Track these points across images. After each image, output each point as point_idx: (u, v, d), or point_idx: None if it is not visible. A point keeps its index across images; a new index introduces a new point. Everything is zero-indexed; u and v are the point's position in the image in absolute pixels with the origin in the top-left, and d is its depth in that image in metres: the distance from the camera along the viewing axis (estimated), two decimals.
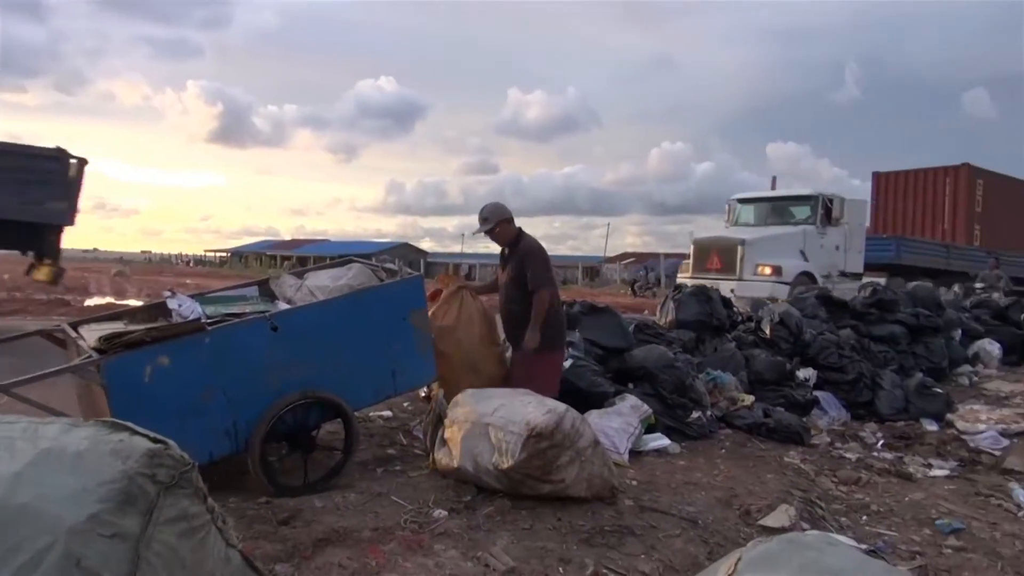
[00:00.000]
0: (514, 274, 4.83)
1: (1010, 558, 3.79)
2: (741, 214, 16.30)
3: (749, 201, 16.50)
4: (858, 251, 15.95)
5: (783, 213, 15.62)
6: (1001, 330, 10.20)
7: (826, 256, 14.88)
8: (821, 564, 1.76)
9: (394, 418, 5.64)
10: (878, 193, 23.93)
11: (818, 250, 14.51)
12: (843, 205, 15.24)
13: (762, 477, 4.67)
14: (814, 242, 14.65)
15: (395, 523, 3.49)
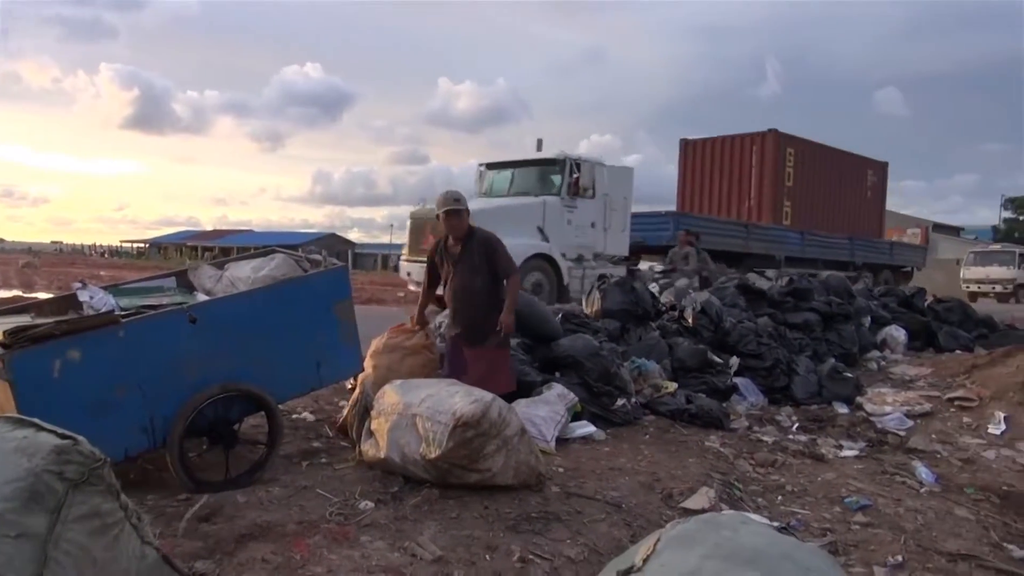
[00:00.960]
0: (477, 263, 4.75)
1: (912, 532, 4.01)
2: (493, 183, 13.70)
3: (497, 167, 13.85)
4: (622, 229, 13.60)
5: (530, 182, 13.08)
6: (906, 317, 10.72)
7: (576, 235, 12.66)
8: (735, 542, 1.83)
9: (319, 410, 5.57)
10: (685, 164, 20.99)
11: (564, 227, 12.15)
12: (596, 172, 12.88)
13: (684, 461, 4.80)
14: (558, 217, 12.31)
15: (320, 516, 3.46)
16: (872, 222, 23.79)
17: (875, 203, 24.10)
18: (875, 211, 24.31)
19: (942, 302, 11.56)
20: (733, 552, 1.76)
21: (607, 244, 13.23)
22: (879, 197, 24.39)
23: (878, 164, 24.23)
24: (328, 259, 4.58)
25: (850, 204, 22.39)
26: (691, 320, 7.55)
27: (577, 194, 12.59)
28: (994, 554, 3.89)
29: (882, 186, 24.41)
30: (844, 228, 20.97)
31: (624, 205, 13.65)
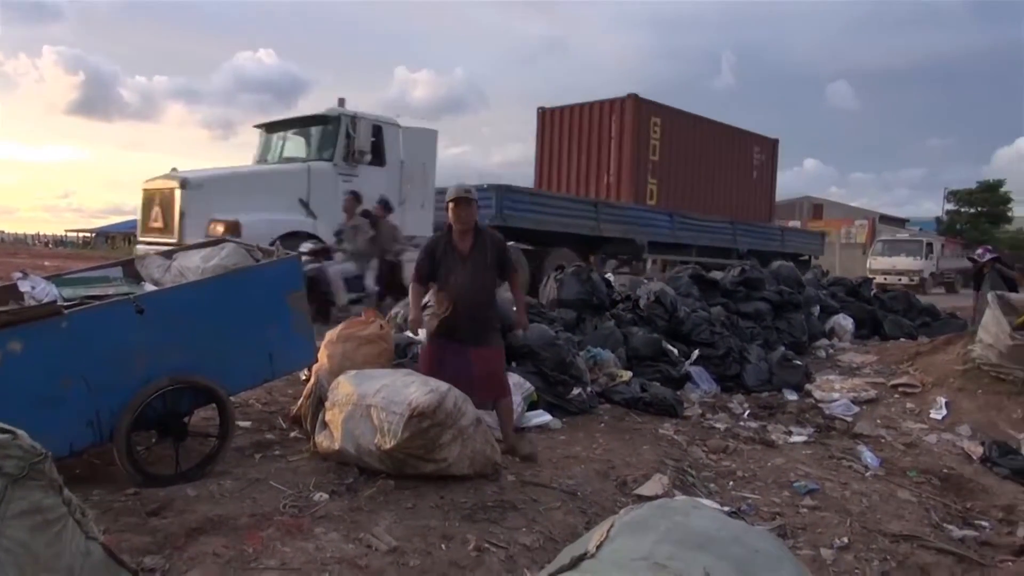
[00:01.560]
0: (489, 261, 4.47)
1: (857, 514, 4.13)
2: (269, 148, 11.31)
3: (272, 128, 11.47)
4: (421, 205, 11.34)
5: (304, 145, 10.94)
6: (854, 306, 11.01)
7: None
8: (686, 526, 1.85)
9: (273, 402, 5.49)
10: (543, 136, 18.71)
11: (341, 201, 9.60)
12: (387, 135, 10.73)
13: (638, 449, 4.86)
14: (331, 188, 10.03)
15: (274, 508, 3.42)
16: (760, 205, 21.94)
17: (763, 184, 22.18)
18: (763, 193, 22.31)
19: (887, 291, 11.88)
20: (684, 536, 1.78)
21: (404, 223, 10.79)
22: (768, 177, 22.44)
23: (766, 140, 22.13)
24: (280, 249, 4.51)
25: (732, 184, 20.43)
26: (645, 309, 7.63)
27: (357, 160, 10.35)
28: (935, 534, 4.03)
29: (771, 165, 22.46)
30: (725, 211, 19.11)
31: (425, 175, 11.37)
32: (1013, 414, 6.17)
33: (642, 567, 1.66)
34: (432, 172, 11.67)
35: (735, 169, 20.62)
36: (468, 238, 4.45)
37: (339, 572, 2.84)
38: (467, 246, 4.45)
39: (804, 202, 49.26)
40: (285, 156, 11.01)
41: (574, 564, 1.71)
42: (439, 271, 4.45)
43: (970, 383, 6.67)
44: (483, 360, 4.46)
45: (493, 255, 4.49)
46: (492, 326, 4.60)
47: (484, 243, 4.48)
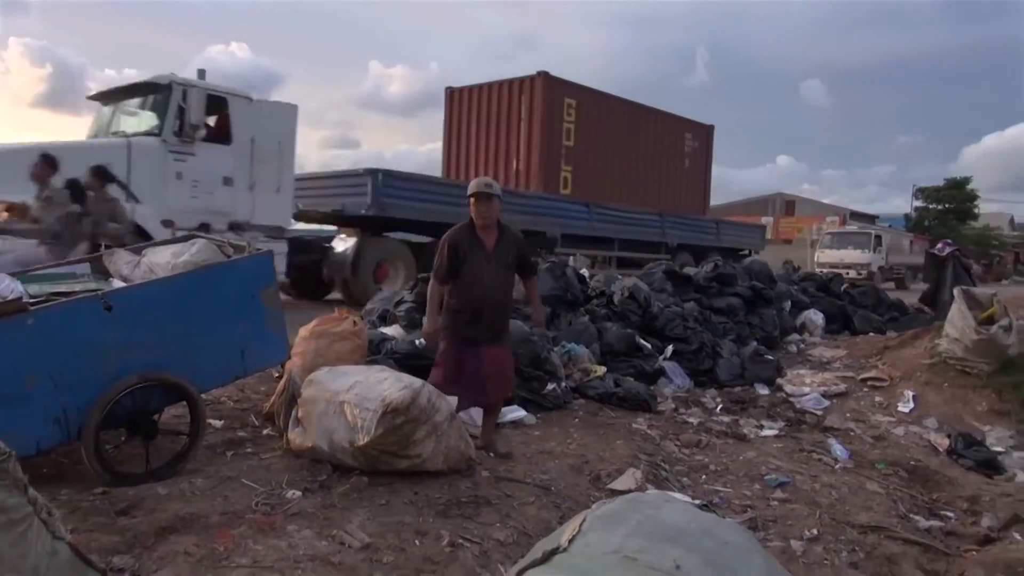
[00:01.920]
0: (511, 260, 4.35)
1: (827, 506, 4.19)
2: (107, 122, 9.86)
3: (105, 98, 10.12)
4: (276, 190, 10.16)
5: (135, 118, 9.66)
6: (824, 301, 11.14)
7: (193, 194, 9.18)
8: (657, 519, 1.87)
9: (245, 399, 5.44)
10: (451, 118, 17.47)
11: (170, 183, 8.55)
12: (217, 106, 9.41)
13: (612, 443, 4.89)
14: (158, 168, 8.83)
15: (246, 506, 3.39)
16: (693, 196, 20.74)
17: (697, 173, 20.97)
18: (697, 183, 21.15)
19: (857, 287, 12.05)
20: (655, 530, 1.80)
21: (256, 210, 9.77)
22: (702, 166, 21.24)
23: (699, 127, 20.83)
24: (252, 244, 4.46)
25: (661, 173, 19.18)
26: (619, 305, 7.67)
27: (193, 136, 9.04)
28: (901, 525, 4.10)
29: (706, 153, 21.22)
30: (653, 202, 17.83)
31: (281, 156, 10.09)
32: (978, 407, 6.31)
33: (613, 560, 1.67)
34: (290, 152, 10.38)
35: (664, 157, 19.33)
36: (492, 234, 4.29)
37: (312, 569, 2.83)
38: (492, 242, 4.29)
39: (777, 198, 49.84)
40: (116, 130, 9.58)
41: (546, 558, 1.72)
42: (462, 268, 4.24)
43: (937, 377, 6.80)
44: (497, 359, 4.35)
45: (515, 254, 4.38)
46: (507, 325, 4.57)
47: (507, 241, 4.35)
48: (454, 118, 17.53)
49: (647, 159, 18.82)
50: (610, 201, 16.38)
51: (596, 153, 17.31)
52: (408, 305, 6.57)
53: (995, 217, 57.63)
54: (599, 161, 17.41)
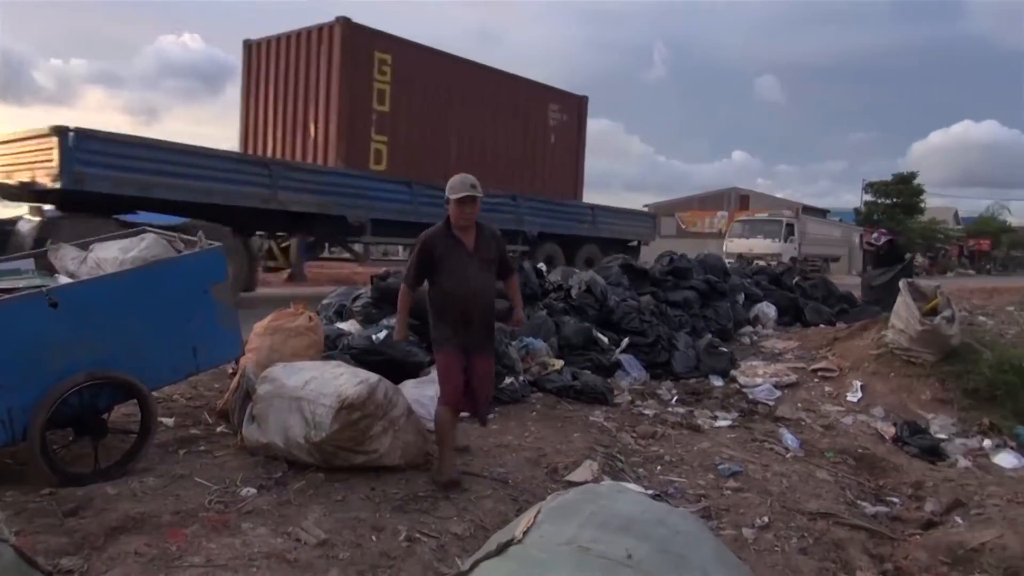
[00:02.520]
0: (491, 259, 4.07)
1: (778, 494, 4.29)
2: None
3: None
4: None
5: None
6: (776, 294, 11.36)
7: None
8: (611, 510, 1.90)
9: (198, 396, 5.35)
10: (249, 79, 14.31)
11: None
12: None
13: (569, 436, 4.93)
14: None
15: (199, 505, 3.35)
16: (561, 178, 17.56)
17: (566, 151, 17.77)
18: (567, 162, 17.87)
19: (808, 279, 12.30)
20: (609, 520, 1.82)
21: None
22: (573, 143, 18.03)
23: (569, 98, 17.85)
24: (203, 239, 4.39)
25: (517, 150, 16.26)
26: (576, 299, 7.73)
27: None
28: (849, 511, 4.22)
29: (578, 128, 18.09)
30: (505, 183, 14.86)
31: None
32: (922, 395, 6.50)
33: (567, 551, 1.69)
34: None
35: (521, 131, 16.33)
36: (471, 232, 4.02)
37: (267, 567, 2.80)
38: (472, 240, 4.00)
39: (732, 193, 50.56)
40: None
41: (501, 550, 1.73)
42: (438, 270, 3.96)
43: (883, 367, 6.99)
44: (484, 366, 4.07)
45: (496, 252, 4.11)
46: (494, 330, 4.26)
47: (487, 237, 4.07)
48: (252, 78, 14.19)
49: (497, 132, 15.64)
50: (444, 181, 14.10)
51: (424, 122, 14.07)
52: (365, 300, 6.52)
53: (941, 211, 59.34)
54: (428, 132, 14.17)
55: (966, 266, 56.32)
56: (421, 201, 12.56)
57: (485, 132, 15.48)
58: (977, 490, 4.68)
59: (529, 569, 1.63)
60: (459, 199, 3.93)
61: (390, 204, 12.26)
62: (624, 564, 1.62)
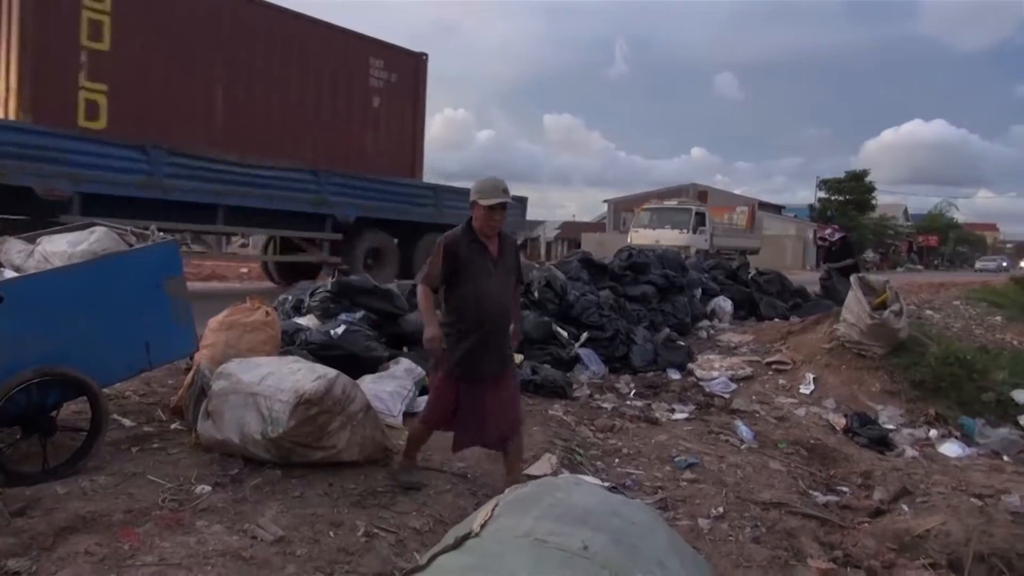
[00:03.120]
0: (511, 267, 3.80)
1: (733, 485, 4.37)
2: None
3: None
4: None
5: None
6: (733, 289, 11.54)
7: None
8: (568, 502, 1.92)
9: (152, 393, 5.25)
10: None
11: None
12: None
13: (528, 430, 4.94)
14: None
15: (152, 503, 3.29)
16: (391, 151, 14.35)
17: (397, 119, 14.48)
18: (398, 133, 14.57)
19: (763, 275, 12.53)
20: (565, 512, 1.84)
21: None
22: (407, 110, 14.71)
23: (401, 54, 14.63)
24: (156, 233, 4.30)
25: (324, 115, 13.04)
26: (536, 294, 7.76)
27: None
28: (801, 501, 4.32)
29: (413, 92, 14.80)
30: (305, 155, 12.34)
31: None
32: (872, 387, 6.68)
33: (524, 543, 1.71)
34: None
35: (329, 90, 13.16)
36: (495, 239, 3.73)
37: (222, 565, 2.77)
38: (496, 247, 3.71)
39: (690, 189, 51.14)
40: None
41: (458, 544, 1.74)
42: (459, 277, 3.63)
43: (835, 359, 7.16)
44: (503, 391, 3.72)
45: (513, 260, 3.86)
46: (511, 347, 3.89)
47: (507, 245, 3.81)
48: None
49: (289, 89, 12.50)
50: (206, 145, 10.82)
51: (170, 69, 10.97)
52: (324, 295, 6.46)
53: (891, 208, 60.91)
54: (177, 82, 11.06)
55: (915, 261, 57.97)
56: (166, 172, 10.03)
57: (272, 88, 12.25)
58: (923, 479, 4.83)
59: (486, 561, 1.64)
60: (490, 206, 3.60)
61: (113, 174, 9.52)
62: (580, 555, 1.64)
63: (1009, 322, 10.23)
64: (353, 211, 12.43)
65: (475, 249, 3.64)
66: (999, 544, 3.74)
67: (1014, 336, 9.39)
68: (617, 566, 1.65)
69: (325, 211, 12.08)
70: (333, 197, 12.11)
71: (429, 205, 13.82)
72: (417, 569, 1.65)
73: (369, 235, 12.87)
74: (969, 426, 6.20)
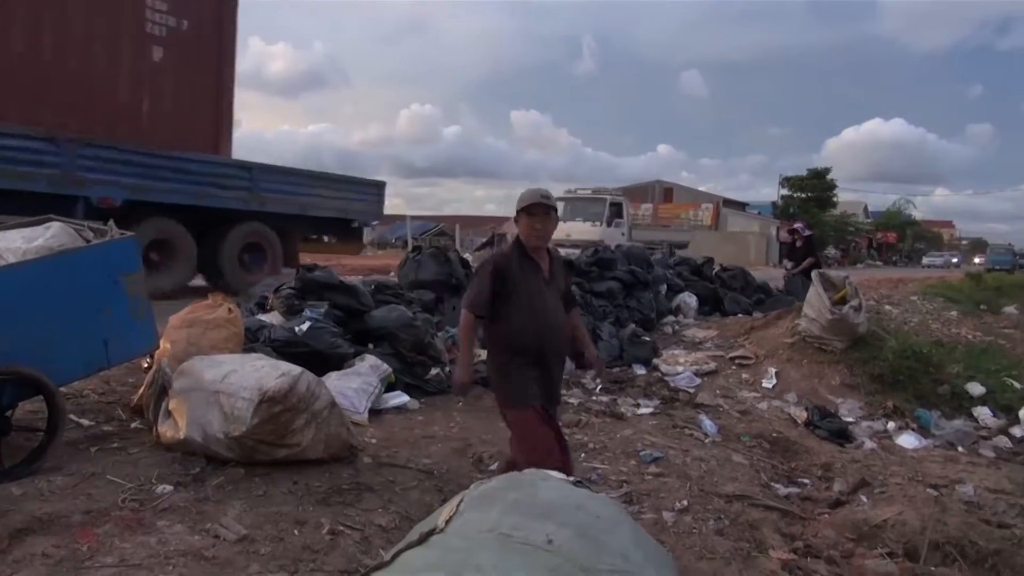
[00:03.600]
0: (563, 287, 3.45)
1: (697, 478, 4.42)
2: None
3: None
4: None
5: None
6: (698, 285, 11.66)
7: None
8: (533, 497, 1.93)
9: (111, 392, 5.15)
10: None
11: None
12: None
13: (495, 426, 4.94)
14: None
15: (112, 503, 3.23)
16: (184, 119, 11.50)
17: (190, 79, 11.65)
18: (193, 96, 11.71)
19: (727, 271, 12.67)
20: (530, 507, 1.85)
21: None
22: (204, 68, 11.88)
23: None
24: (114, 228, 4.22)
25: (73, 67, 10.14)
26: None
27: None
28: (763, 493, 4.39)
29: (216, 45, 12.04)
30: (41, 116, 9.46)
31: None
32: (832, 381, 6.81)
33: (489, 538, 1.71)
34: None
35: (82, 35, 10.30)
36: (544, 256, 3.34)
37: (184, 565, 2.73)
38: (547, 266, 3.33)
39: (656, 186, 51.61)
40: None
41: (423, 539, 1.74)
42: (509, 301, 3.23)
43: (797, 354, 7.28)
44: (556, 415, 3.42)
45: (565, 280, 3.52)
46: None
47: (559, 264, 3.48)
48: None
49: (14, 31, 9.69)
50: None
51: None
52: (288, 291, 6.39)
53: (852, 205, 62.01)
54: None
55: (874, 258, 59.10)
56: None
57: None
58: (881, 470, 4.94)
59: (450, 557, 1.64)
60: (527, 208, 3.23)
61: None
62: (544, 549, 1.65)
63: (964, 317, 10.47)
64: (119, 192, 9.64)
65: (526, 267, 3.25)
66: (953, 533, 3.84)
67: (969, 330, 9.61)
68: (581, 559, 1.66)
69: (74, 192, 9.21)
70: (87, 173, 9.35)
71: (240, 188, 11.18)
72: (381, 565, 1.64)
73: (149, 224, 9.94)
74: (925, 418, 6.35)
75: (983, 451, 5.92)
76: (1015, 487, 4.72)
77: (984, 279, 15.01)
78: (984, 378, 7.24)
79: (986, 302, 11.51)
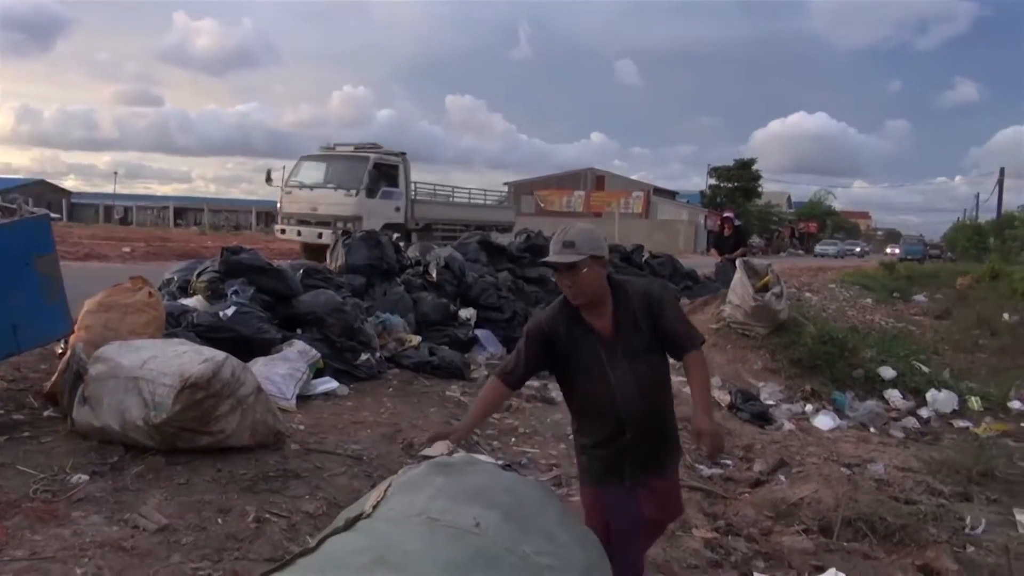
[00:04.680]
0: (647, 342, 2.59)
1: None
2: None
3: None
4: None
5: None
6: (627, 270, 11.81)
7: None
8: (461, 482, 1.93)
9: (22, 379, 4.92)
10: None
11: None
12: None
13: (425, 411, 4.95)
14: None
15: (22, 495, 3.09)
16: None
17: None
18: None
19: (656, 258, 12.93)
20: (458, 491, 1.86)
21: None
22: None
23: None
24: (24, 208, 4.02)
25: None
26: (435, 275, 7.73)
27: None
28: (688, 474, 4.51)
29: None
30: None
31: None
32: (754, 365, 7.03)
33: (417, 522, 1.71)
34: None
35: None
36: (605, 308, 2.61)
37: (101, 556, 2.64)
38: (609, 321, 2.60)
39: (588, 173, 52.04)
40: None
41: (349, 525, 1.72)
42: (569, 370, 2.66)
43: (721, 339, 7.48)
44: (661, 496, 2.74)
45: (647, 327, 2.60)
46: (672, 444, 2.87)
47: (631, 308, 2.60)
48: None
49: None
50: None
51: None
52: (211, 275, 6.20)
53: (776, 196, 63.94)
54: None
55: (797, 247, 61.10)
56: None
57: None
58: (799, 450, 5.14)
59: (378, 541, 1.63)
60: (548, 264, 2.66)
61: None
62: (472, 532, 1.66)
63: (878, 304, 10.98)
64: None
65: (579, 332, 2.61)
66: (864, 509, 4.03)
67: (882, 317, 10.09)
68: (508, 541, 1.68)
69: None
70: None
71: None
72: (306, 552, 1.62)
73: None
74: (841, 400, 6.64)
75: (893, 431, 6.22)
76: (921, 465, 4.99)
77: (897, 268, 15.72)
78: (895, 362, 7.61)
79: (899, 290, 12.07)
